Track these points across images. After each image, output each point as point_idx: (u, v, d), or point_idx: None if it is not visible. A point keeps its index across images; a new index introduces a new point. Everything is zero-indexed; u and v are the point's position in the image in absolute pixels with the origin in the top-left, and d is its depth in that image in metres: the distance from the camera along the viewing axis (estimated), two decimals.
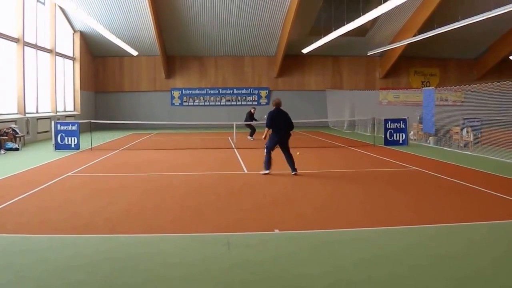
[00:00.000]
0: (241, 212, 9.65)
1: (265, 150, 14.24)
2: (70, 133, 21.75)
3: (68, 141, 21.69)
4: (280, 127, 14.27)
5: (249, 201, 10.64)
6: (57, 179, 13.51)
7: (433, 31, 27.13)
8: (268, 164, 14.15)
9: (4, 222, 8.78)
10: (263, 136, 14.72)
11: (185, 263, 6.68)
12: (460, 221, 8.81)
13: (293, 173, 14.08)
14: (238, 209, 9.86)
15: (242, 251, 7.18)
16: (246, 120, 27.22)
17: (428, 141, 23.69)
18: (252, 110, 27.65)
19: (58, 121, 23.23)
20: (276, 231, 8.13)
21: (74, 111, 36.01)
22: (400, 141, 22.99)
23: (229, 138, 25.78)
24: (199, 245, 7.52)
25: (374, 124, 25.77)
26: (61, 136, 21.67)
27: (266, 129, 14.52)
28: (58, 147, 21.57)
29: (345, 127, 35.47)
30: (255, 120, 27.03)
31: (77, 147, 21.70)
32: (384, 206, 10.08)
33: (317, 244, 7.50)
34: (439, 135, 23.16)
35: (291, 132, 14.61)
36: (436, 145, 22.78)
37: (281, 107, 14.78)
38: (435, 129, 23.14)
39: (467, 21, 23.26)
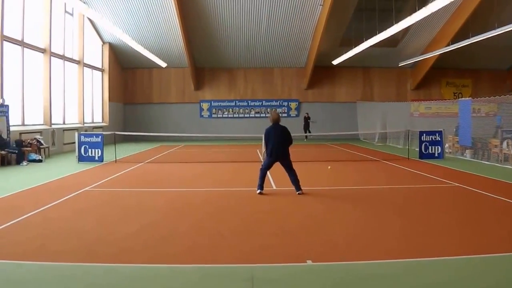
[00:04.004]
0: (268, 238, 8.53)
1: (260, 172, 13.15)
2: (94, 145, 21.32)
3: (91, 153, 21.27)
4: (274, 145, 12.95)
5: (277, 225, 9.54)
6: (72, 194, 12.90)
7: (468, 40, 26.16)
8: (262, 183, 13.02)
9: (2, 244, 8.04)
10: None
11: None
12: None
13: (298, 192, 12.74)
14: (264, 234, 8.76)
15: None
16: None
17: (464, 154, 22.76)
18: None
19: (82, 132, 22.81)
20: (309, 262, 7.04)
21: (102, 122, 35.85)
22: (436, 155, 22.03)
23: (258, 151, 25.13)
24: (216, 279, 6.52)
25: (408, 136, 24.85)
26: (85, 147, 21.28)
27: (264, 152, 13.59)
28: (81, 159, 21.19)
29: (376, 140, 34.58)
30: None
31: (100, 159, 21.26)
32: (425, 232, 8.90)
33: (353, 279, 6.48)
34: (476, 148, 22.21)
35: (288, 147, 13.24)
36: (473, 159, 21.84)
37: (280, 123, 13.30)
38: (472, 141, 22.19)
39: (504, 29, 22.28)
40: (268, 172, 13.43)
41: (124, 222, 9.80)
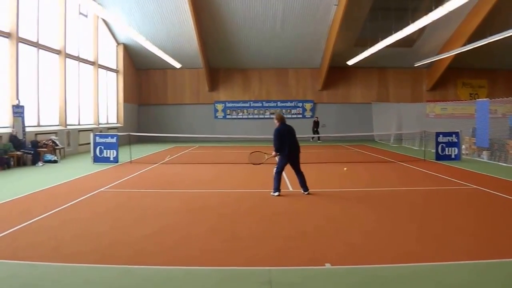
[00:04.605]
0: (285, 240, 8.37)
1: (275, 175, 12.98)
2: (109, 146, 21.35)
3: (107, 154, 21.31)
4: (291, 146, 13.03)
5: (294, 227, 9.38)
6: (87, 195, 12.88)
7: (485, 39, 25.81)
8: (279, 185, 12.98)
9: (17, 245, 8.00)
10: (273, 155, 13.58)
11: None
12: None
13: (306, 193, 12.98)
14: (281, 237, 8.61)
15: None
16: None
17: (481, 156, 22.50)
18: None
19: (97, 133, 22.83)
20: (328, 265, 6.92)
21: (117, 123, 35.90)
22: (453, 156, 21.81)
23: (273, 153, 24.94)
24: (233, 282, 6.41)
25: (424, 137, 24.57)
26: (100, 148, 21.30)
27: (274, 153, 13.32)
28: (96, 160, 21.22)
29: (391, 141, 34.36)
30: None
31: (115, 160, 21.29)
32: (443, 234, 8.72)
33: (373, 283, 6.34)
34: (493, 150, 21.94)
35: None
36: (491, 160, 21.58)
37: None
38: (489, 143, 21.91)
39: None
40: (284, 174, 13.32)
41: (139, 224, 9.71)
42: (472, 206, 11.54)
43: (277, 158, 13.57)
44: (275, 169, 13.18)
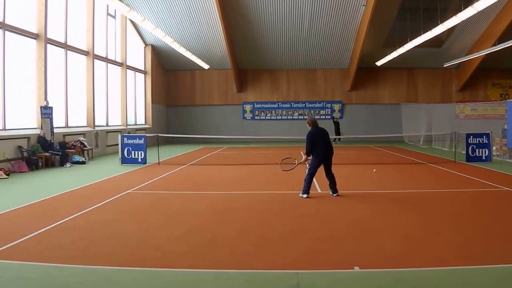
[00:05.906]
0: (313, 243, 8.23)
1: (308, 176, 12.88)
2: (137, 147, 21.36)
3: (135, 155, 21.33)
4: (323, 147, 12.91)
5: (322, 230, 9.27)
6: (115, 197, 12.92)
7: None
8: (309, 188, 12.90)
9: (45, 247, 8.01)
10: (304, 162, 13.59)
11: None
12: None
13: (335, 195, 12.95)
14: (310, 239, 8.46)
15: None
16: None
17: None
18: None
19: (125, 134, 22.89)
20: (356, 268, 6.77)
21: (145, 124, 36.06)
22: (483, 157, 21.47)
23: (302, 153, 24.78)
24: (261, 285, 6.33)
25: (455, 139, 24.23)
26: (128, 149, 21.33)
27: (306, 156, 13.20)
28: (124, 161, 21.28)
29: (421, 142, 33.96)
30: None
31: (144, 161, 21.31)
32: (476, 238, 8.48)
33: (403, 287, 6.19)
34: None
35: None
36: None
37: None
38: None
39: None
40: None
41: (167, 226, 9.67)
42: (505, 209, 11.21)
43: (307, 164, 13.47)
44: (307, 170, 13.08)
